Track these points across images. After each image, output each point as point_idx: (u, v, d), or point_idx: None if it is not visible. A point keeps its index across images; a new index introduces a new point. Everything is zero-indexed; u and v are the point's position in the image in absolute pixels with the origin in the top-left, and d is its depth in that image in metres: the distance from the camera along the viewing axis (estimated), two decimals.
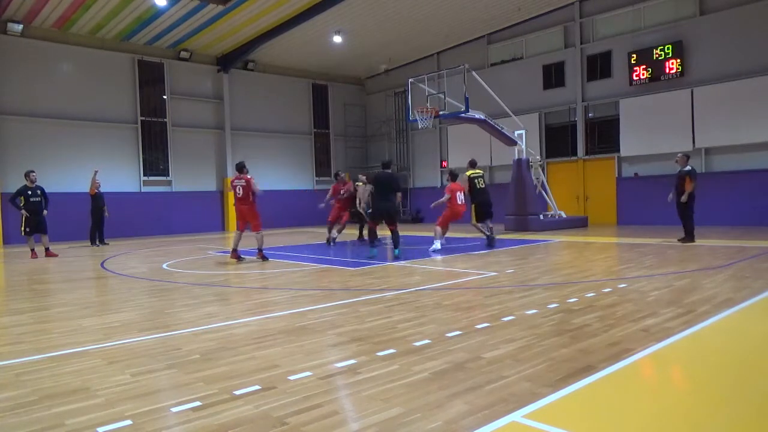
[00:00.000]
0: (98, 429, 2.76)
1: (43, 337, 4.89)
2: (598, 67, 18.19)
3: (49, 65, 17.47)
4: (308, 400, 3.08)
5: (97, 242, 15.38)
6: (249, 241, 12.85)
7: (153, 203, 19.60)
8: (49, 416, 2.96)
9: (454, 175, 12.07)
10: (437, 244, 11.20)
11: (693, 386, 3.25)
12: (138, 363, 3.95)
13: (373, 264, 9.47)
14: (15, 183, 16.78)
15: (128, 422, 2.84)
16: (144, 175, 19.55)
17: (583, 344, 4.02)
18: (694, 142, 15.91)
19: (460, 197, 11.70)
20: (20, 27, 16.47)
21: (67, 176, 17.72)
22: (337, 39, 19.97)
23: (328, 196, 14.04)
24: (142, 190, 19.47)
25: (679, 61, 16.15)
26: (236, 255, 10.50)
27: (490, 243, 11.87)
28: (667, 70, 16.40)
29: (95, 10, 16.41)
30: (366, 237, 13.64)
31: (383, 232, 12.37)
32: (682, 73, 16.12)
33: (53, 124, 17.50)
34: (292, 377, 3.48)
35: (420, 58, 22.83)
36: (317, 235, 17.59)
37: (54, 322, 5.53)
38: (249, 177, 10.60)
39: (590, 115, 18.63)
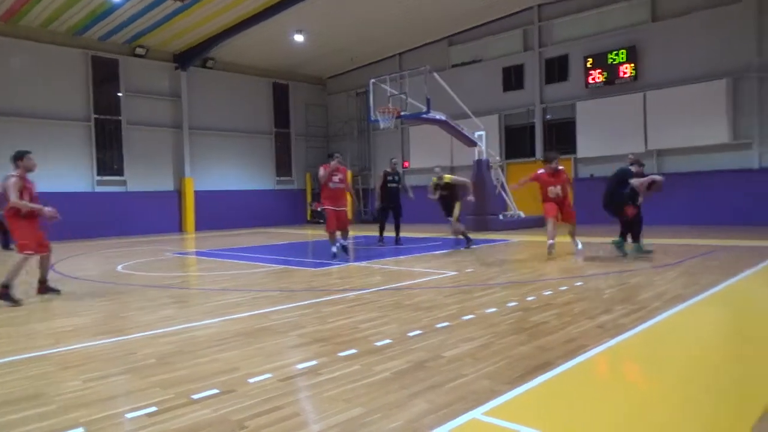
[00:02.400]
0: None
1: None
2: (556, 70, 18.61)
3: None
4: (268, 402, 3.05)
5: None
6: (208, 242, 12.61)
7: (107, 204, 19.02)
8: (1, 424, 2.85)
9: None
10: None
11: (645, 380, 3.36)
12: (92, 368, 3.83)
13: (335, 264, 9.44)
14: None
15: (81, 429, 2.76)
16: (98, 175, 18.96)
17: (540, 341, 4.10)
18: (646, 144, 16.45)
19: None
20: None
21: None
22: (299, 38, 19.83)
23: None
24: (96, 190, 18.88)
25: (632, 65, 16.66)
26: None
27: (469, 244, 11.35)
28: (621, 75, 16.90)
29: (46, 3, 15.83)
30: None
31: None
32: (635, 77, 16.64)
33: (1, 121, 16.78)
34: (251, 380, 3.44)
35: (382, 59, 22.88)
36: (278, 235, 17.43)
37: (3, 327, 5.31)
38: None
39: (548, 117, 19.03)
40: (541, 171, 9.53)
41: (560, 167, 9.49)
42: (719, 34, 15.27)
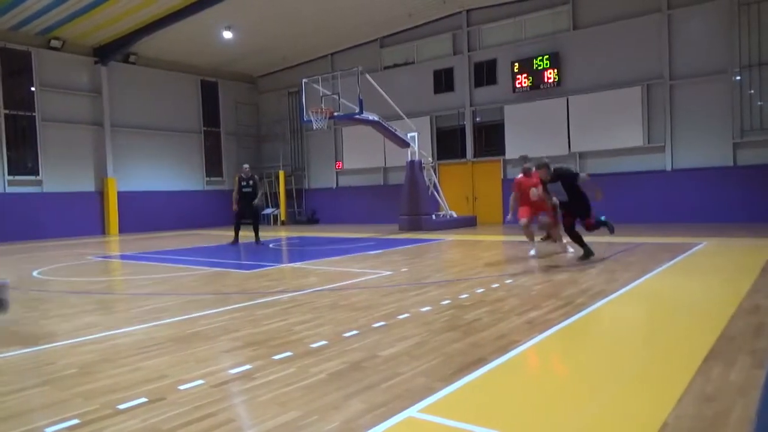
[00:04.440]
0: None
1: None
2: (485, 74, 19.12)
3: None
4: (200, 409, 2.95)
5: None
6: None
7: (20, 205, 17.83)
8: None
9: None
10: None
11: (574, 371, 3.51)
12: (5, 381, 3.57)
13: (269, 266, 9.28)
14: None
15: None
16: (9, 174, 17.73)
17: (474, 338, 4.20)
18: (569, 146, 17.21)
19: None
20: None
21: None
22: (227, 35, 19.35)
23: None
24: (7, 191, 17.65)
25: (555, 71, 17.38)
26: None
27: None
28: (546, 80, 17.60)
29: None
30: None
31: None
32: (558, 83, 17.36)
33: None
34: (182, 387, 3.32)
35: (314, 59, 22.71)
36: (209, 237, 16.93)
37: None
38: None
39: (478, 119, 19.53)
40: (519, 176, 9.60)
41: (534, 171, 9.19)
42: (634, 43, 16.20)
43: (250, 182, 13.45)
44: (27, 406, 3.14)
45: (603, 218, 8.48)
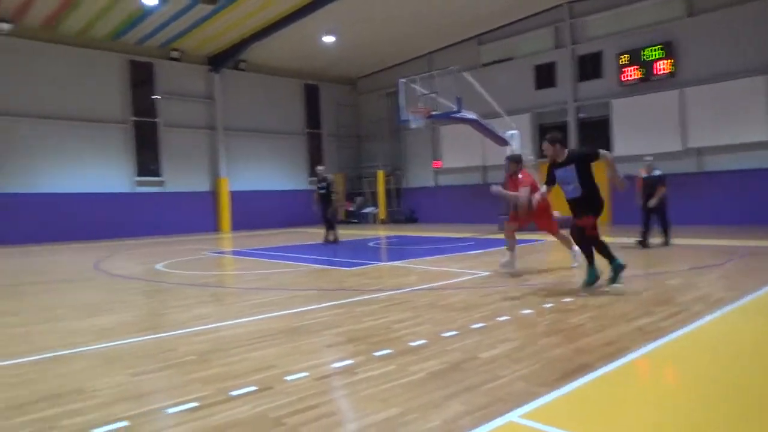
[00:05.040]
0: (93, 430, 2.75)
1: (40, 338, 4.85)
2: (589, 67, 18.28)
3: (38, 64, 17.32)
4: (305, 400, 3.08)
5: None
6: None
7: (146, 204, 19.48)
8: (46, 417, 2.94)
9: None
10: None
11: (688, 384, 3.28)
12: (134, 364, 3.93)
13: (368, 264, 9.47)
14: (10, 182, 16.66)
15: (125, 423, 2.83)
16: (137, 176, 19.44)
17: (578, 343, 4.04)
18: (684, 141, 16.03)
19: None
20: (8, 26, 16.31)
21: (58, 175, 17.60)
22: (328, 39, 19.95)
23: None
24: (135, 191, 19.35)
25: (669, 62, 16.24)
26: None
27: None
28: (657, 71, 16.50)
29: (84, 9, 16.29)
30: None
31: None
32: (672, 74, 16.22)
33: (43, 123, 17.34)
34: (288, 378, 3.48)
35: (412, 58, 22.84)
36: (311, 235, 17.56)
37: (49, 323, 5.49)
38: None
39: (582, 115, 18.71)
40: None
41: (520, 173, 7.94)
42: (757, 29, 14.77)
43: (324, 183, 13.77)
44: (153, 388, 3.44)
45: (618, 262, 5.98)
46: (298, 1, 16.89)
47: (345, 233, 14.40)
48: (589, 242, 6.14)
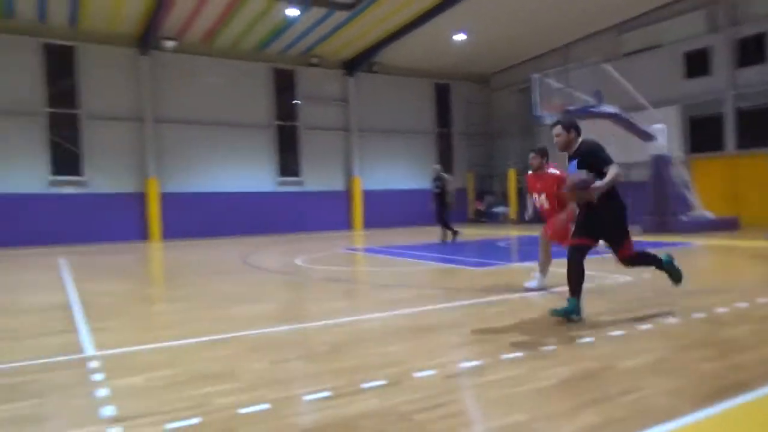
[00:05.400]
0: (239, 410, 3.01)
1: (195, 323, 5.40)
2: (751, 51, 16.35)
3: (198, 77, 19.21)
4: (432, 398, 3.11)
5: None
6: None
7: (287, 202, 20.82)
8: (198, 395, 3.27)
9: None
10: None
11: None
12: (275, 352, 4.23)
13: (498, 264, 9.31)
14: (174, 183, 18.70)
15: (266, 406, 3.06)
16: (279, 176, 20.85)
17: (733, 359, 3.65)
18: None
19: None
20: (173, 43, 18.26)
21: (214, 176, 19.40)
22: (459, 37, 19.87)
23: None
24: (277, 190, 20.76)
25: None
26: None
27: None
28: None
29: (235, 24, 17.78)
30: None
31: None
32: None
33: (202, 129, 19.22)
34: (416, 374, 3.53)
35: (547, 52, 22.01)
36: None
37: (203, 310, 6.09)
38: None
39: (742, 105, 16.80)
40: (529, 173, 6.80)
41: (549, 169, 6.57)
42: None
43: (438, 182, 13.77)
44: (292, 375, 3.68)
45: (666, 257, 5.32)
46: (429, 2, 17.04)
47: (474, 233, 14.28)
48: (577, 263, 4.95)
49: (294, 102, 21.19)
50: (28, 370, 3.91)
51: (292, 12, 16.88)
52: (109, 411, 3.04)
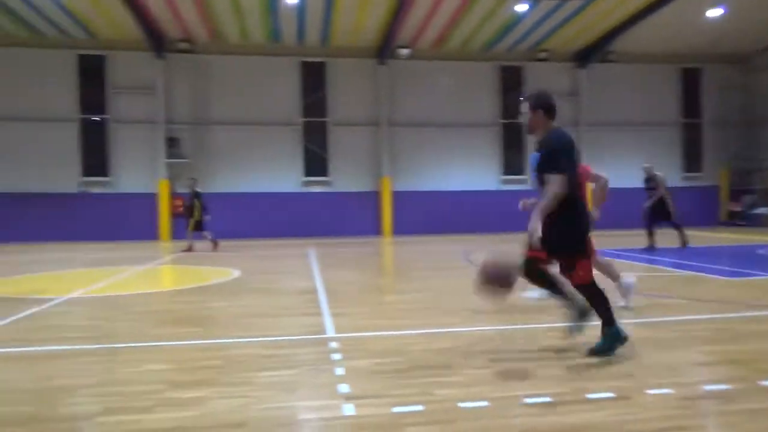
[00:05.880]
0: (459, 404, 3.10)
1: (419, 315, 5.70)
2: None
3: (427, 81, 20.13)
4: (670, 419, 2.83)
5: None
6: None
7: (509, 200, 20.50)
8: (421, 384, 3.46)
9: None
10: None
11: None
12: (494, 350, 4.25)
13: (758, 275, 7.97)
14: (405, 182, 19.93)
15: (486, 403, 3.11)
16: (503, 174, 20.75)
17: None
18: None
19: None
20: (407, 51, 19.41)
21: (441, 175, 20.18)
22: (715, 13, 17.39)
23: None
24: (501, 188, 20.69)
25: None
26: None
27: None
28: None
29: (464, 26, 18.16)
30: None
31: None
32: None
33: (430, 131, 20.09)
34: (649, 391, 3.24)
35: None
36: (691, 238, 15.71)
37: (427, 303, 6.40)
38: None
39: None
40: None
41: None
42: None
43: (650, 182, 12.72)
44: (511, 376, 3.67)
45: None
46: None
47: (727, 237, 12.40)
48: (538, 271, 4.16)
49: (520, 99, 20.83)
50: (284, 345, 4.58)
51: (522, 7, 16.62)
52: (344, 388, 3.40)
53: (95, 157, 18.33)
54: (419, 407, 3.07)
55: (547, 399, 3.15)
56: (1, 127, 17.75)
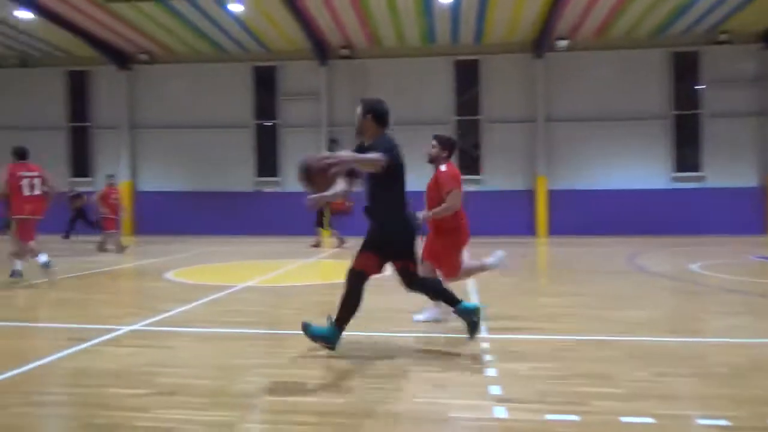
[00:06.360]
0: (621, 418, 2.94)
1: (576, 320, 5.46)
2: None
3: (587, 72, 19.04)
4: None
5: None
6: None
7: (682, 200, 18.71)
8: (577, 393, 3.33)
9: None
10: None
11: None
12: (658, 363, 3.94)
13: None
14: (561, 180, 19.14)
15: (651, 420, 2.90)
16: (674, 171, 18.94)
17: None
18: None
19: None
20: (566, 43, 18.55)
21: (601, 173, 19.01)
22: None
23: None
24: (673, 187, 18.92)
25: None
26: None
27: None
28: None
29: (631, 11, 16.86)
30: None
31: None
32: None
33: (590, 125, 19.01)
34: None
35: None
36: None
37: (584, 308, 6.11)
38: None
39: None
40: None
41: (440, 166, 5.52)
42: None
43: None
44: (679, 392, 3.39)
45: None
46: None
47: None
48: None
49: (696, 87, 18.84)
50: (437, 342, 4.68)
51: None
52: (495, 390, 3.39)
53: (267, 159, 20.19)
54: (575, 417, 2.97)
55: (723, 422, 2.87)
56: (188, 134, 20.25)
